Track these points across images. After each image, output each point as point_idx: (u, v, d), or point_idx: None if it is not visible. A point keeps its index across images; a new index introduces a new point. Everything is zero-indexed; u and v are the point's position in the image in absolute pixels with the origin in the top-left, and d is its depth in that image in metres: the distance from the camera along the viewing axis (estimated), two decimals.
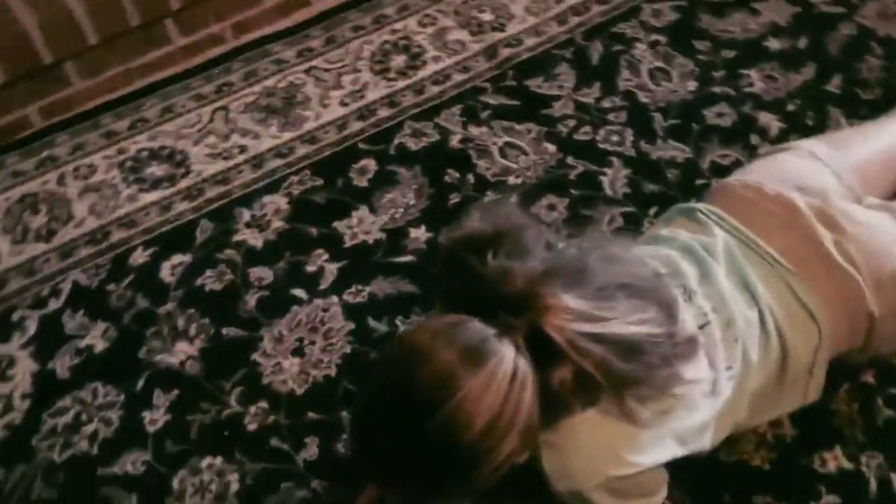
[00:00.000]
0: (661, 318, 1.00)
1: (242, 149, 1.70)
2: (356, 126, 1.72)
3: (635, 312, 0.97)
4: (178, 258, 1.54)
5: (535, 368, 0.92)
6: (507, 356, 0.90)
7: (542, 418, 0.93)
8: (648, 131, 1.67)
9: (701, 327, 1.11)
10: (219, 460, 1.29)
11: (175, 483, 1.27)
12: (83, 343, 1.44)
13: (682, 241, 1.21)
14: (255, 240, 1.55)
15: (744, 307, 1.14)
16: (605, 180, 1.59)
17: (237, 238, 1.56)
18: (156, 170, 1.68)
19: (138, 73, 1.85)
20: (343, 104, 1.77)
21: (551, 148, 1.66)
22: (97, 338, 1.44)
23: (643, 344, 0.95)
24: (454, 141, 1.68)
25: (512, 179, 1.61)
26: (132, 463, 1.30)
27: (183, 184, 1.65)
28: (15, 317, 1.48)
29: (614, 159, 1.62)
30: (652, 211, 1.53)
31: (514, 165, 1.63)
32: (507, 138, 1.68)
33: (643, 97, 1.72)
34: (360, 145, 1.69)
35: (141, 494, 1.27)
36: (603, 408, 0.96)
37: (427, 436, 0.87)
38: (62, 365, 1.41)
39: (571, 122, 1.69)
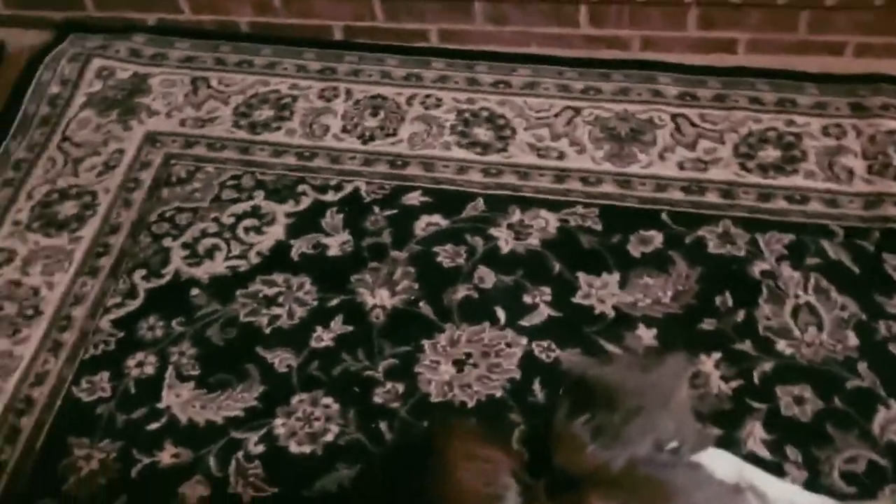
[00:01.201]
0: None
1: (560, 155, 1.66)
2: (675, 195, 1.58)
3: None
4: (437, 218, 1.59)
5: None
6: None
7: None
8: None
9: None
10: (335, 408, 1.36)
11: (294, 400, 1.38)
12: (324, 240, 1.58)
13: None
14: (505, 243, 1.54)
15: None
16: (881, 414, 1.28)
17: (493, 232, 1.55)
18: (482, 133, 1.72)
19: (535, 39, 1.87)
20: (680, 167, 1.62)
21: (852, 341, 1.36)
22: (335, 243, 1.57)
23: None
24: (756, 268, 1.46)
25: (781, 345, 1.37)
26: (280, 360, 1.43)
27: (491, 157, 1.67)
28: (299, 188, 1.67)
29: None
30: None
31: (797, 333, 1.38)
32: (812, 299, 1.41)
33: None
34: (663, 216, 1.55)
35: (268, 388, 1.40)
36: None
37: None
38: (298, 248, 1.57)
39: None
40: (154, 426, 1.37)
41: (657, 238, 1.52)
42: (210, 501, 1.29)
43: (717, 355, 1.37)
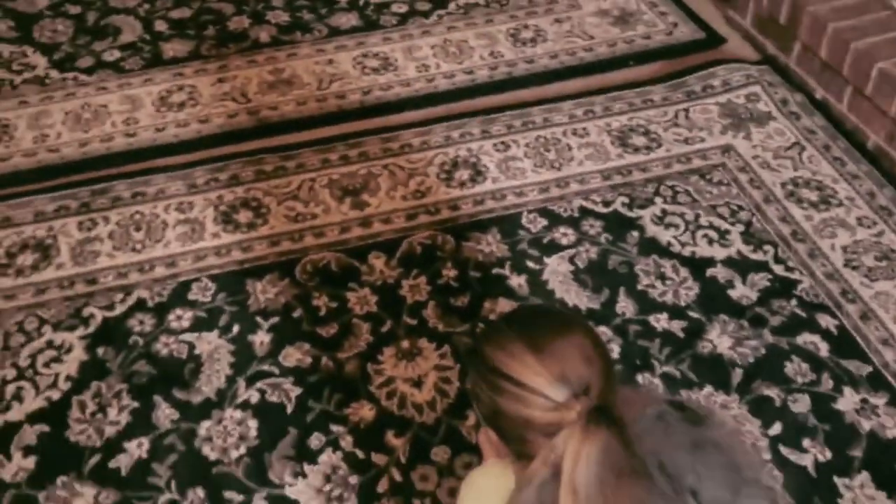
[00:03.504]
0: None
1: None
2: None
3: None
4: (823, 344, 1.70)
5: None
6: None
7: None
8: None
9: None
10: (616, 352, 1.67)
11: (603, 329, 1.73)
12: (736, 282, 1.82)
13: None
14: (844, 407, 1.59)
15: None
16: None
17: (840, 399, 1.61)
18: None
19: None
20: None
21: None
22: (742, 291, 1.80)
23: None
24: None
25: None
26: (625, 305, 1.77)
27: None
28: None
29: None
30: None
31: None
32: None
33: None
34: None
35: (596, 318, 1.76)
36: None
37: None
38: (721, 274, 1.85)
39: None
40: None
41: None
42: None
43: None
